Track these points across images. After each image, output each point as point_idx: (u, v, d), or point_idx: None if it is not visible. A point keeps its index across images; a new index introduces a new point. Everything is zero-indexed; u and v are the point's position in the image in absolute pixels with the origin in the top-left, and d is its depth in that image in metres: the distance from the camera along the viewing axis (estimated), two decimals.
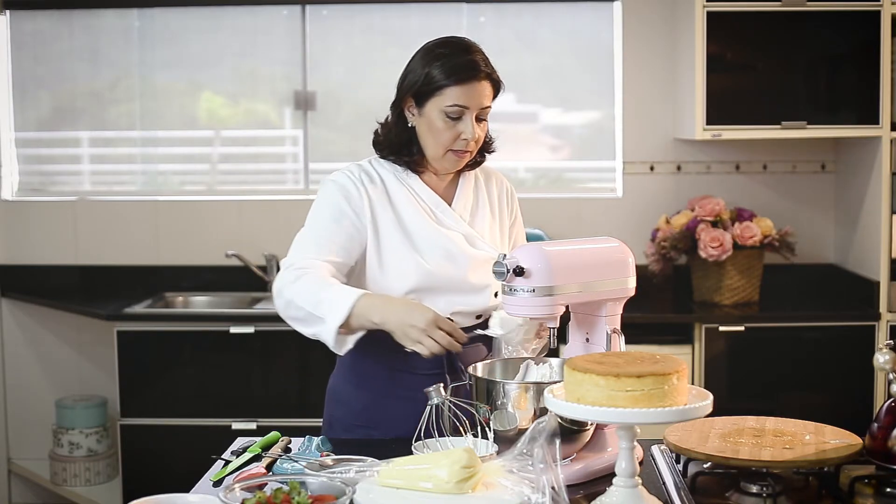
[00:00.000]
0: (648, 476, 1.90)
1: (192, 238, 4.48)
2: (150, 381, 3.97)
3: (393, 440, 2.14)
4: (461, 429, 1.93)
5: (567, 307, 1.98)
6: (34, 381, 4.57)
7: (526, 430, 1.68)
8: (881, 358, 1.82)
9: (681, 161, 4.39)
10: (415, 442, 1.92)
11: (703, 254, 3.97)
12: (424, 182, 2.28)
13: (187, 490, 1.82)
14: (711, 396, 1.70)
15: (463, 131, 2.18)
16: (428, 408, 1.94)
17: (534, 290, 1.91)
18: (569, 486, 1.71)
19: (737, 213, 4.08)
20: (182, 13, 4.47)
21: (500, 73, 2.24)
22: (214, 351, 3.95)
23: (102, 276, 4.50)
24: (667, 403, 1.63)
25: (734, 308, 3.99)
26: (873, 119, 3.84)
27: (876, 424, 1.82)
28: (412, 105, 2.22)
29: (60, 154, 4.63)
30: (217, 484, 1.90)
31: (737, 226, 4.01)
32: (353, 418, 2.27)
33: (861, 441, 1.83)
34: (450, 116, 2.17)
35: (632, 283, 2.03)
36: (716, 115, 3.89)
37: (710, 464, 1.86)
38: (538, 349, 2.21)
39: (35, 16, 4.51)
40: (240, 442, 2.13)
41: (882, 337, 3.80)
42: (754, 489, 1.77)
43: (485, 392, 1.91)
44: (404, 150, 2.26)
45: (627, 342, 2.01)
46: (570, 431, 1.85)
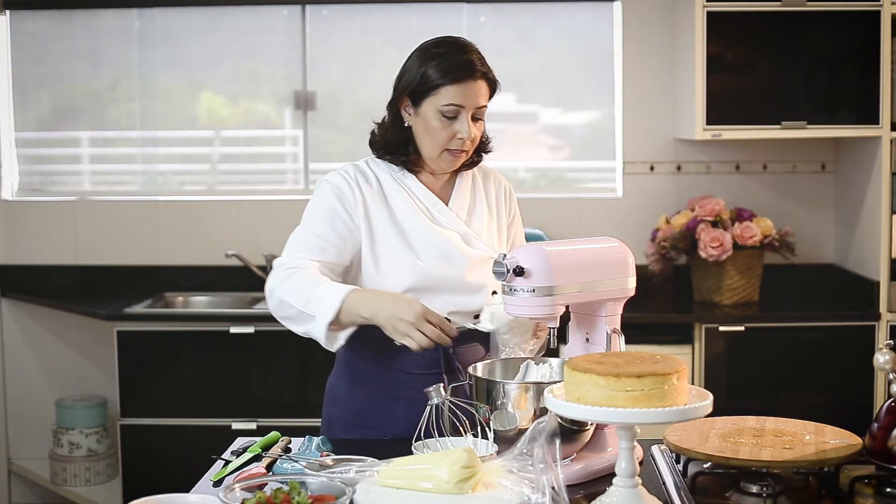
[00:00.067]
0: (648, 476, 1.90)
1: (192, 238, 4.48)
2: (150, 381, 3.97)
3: (393, 440, 2.14)
4: (461, 429, 1.93)
5: (567, 307, 1.98)
6: (34, 381, 4.57)
7: (526, 430, 1.68)
8: (881, 358, 1.82)
9: (681, 161, 4.39)
10: (415, 442, 1.92)
11: (703, 254, 3.97)
12: (421, 181, 2.29)
13: (187, 490, 1.82)
14: (711, 396, 1.70)
15: (459, 130, 2.19)
16: (428, 408, 1.94)
17: (534, 290, 1.91)
18: (569, 486, 1.71)
19: (737, 213, 4.08)
20: (182, 13, 4.47)
21: (500, 73, 2.24)
22: (214, 351, 3.95)
23: (102, 276, 4.50)
24: (667, 403, 1.63)
25: (734, 308, 3.99)
26: (873, 119, 3.84)
27: (876, 424, 1.82)
28: (408, 105, 2.22)
29: (60, 154, 4.63)
30: (217, 484, 1.90)
31: (737, 226, 4.01)
32: (351, 418, 2.28)
33: (861, 441, 1.83)
34: (446, 116, 2.17)
35: (632, 283, 2.03)
36: (716, 115, 3.89)
37: (710, 464, 1.86)
38: (535, 350, 2.21)
39: (35, 16, 4.51)
40: (240, 442, 2.13)
41: (882, 337, 3.80)
42: (754, 489, 1.77)
43: (485, 392, 1.91)
44: (401, 149, 2.26)
45: (627, 342, 2.01)
46: (570, 431, 1.85)
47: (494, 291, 2.20)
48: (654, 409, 1.61)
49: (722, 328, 3.84)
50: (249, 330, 3.92)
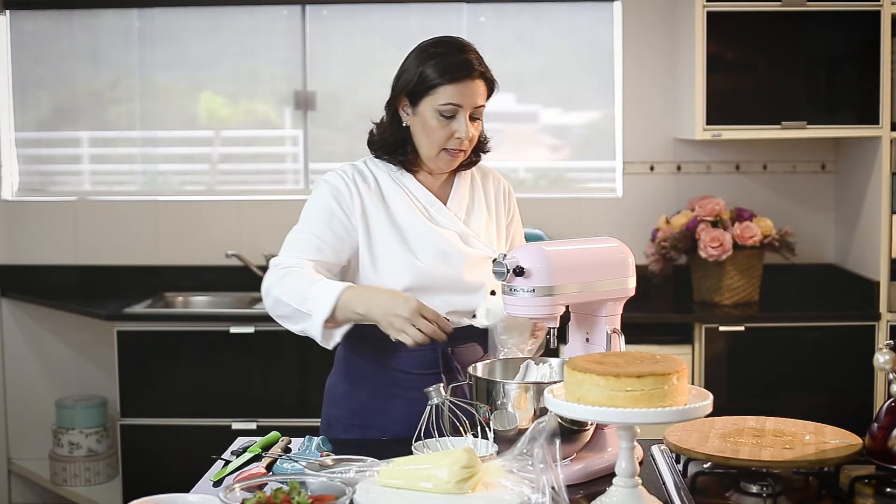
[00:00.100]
0: (648, 476, 1.90)
1: (192, 238, 4.48)
2: (150, 381, 3.97)
3: (393, 440, 2.14)
4: (461, 429, 1.93)
5: (567, 307, 1.98)
6: (34, 381, 4.57)
7: (526, 430, 1.68)
8: (881, 358, 1.82)
9: (681, 161, 4.39)
10: (415, 442, 1.92)
11: (703, 254, 3.97)
12: (419, 181, 2.29)
13: (187, 490, 1.82)
14: (711, 396, 1.70)
15: (457, 130, 2.19)
16: (428, 408, 1.94)
17: (534, 290, 1.91)
18: (569, 486, 1.71)
19: (737, 213, 4.08)
20: (182, 13, 4.47)
21: (500, 73, 2.25)
22: (214, 351, 3.95)
23: (102, 276, 4.50)
24: (667, 403, 1.63)
25: (734, 308, 3.99)
26: (873, 119, 3.84)
27: (876, 424, 1.82)
28: (406, 104, 2.22)
29: (60, 154, 4.63)
30: (217, 484, 1.90)
31: (737, 226, 4.01)
32: (350, 418, 2.28)
33: (861, 441, 1.83)
34: (444, 115, 2.18)
35: (632, 283, 2.03)
36: (716, 115, 3.89)
37: (710, 464, 1.86)
38: (533, 349, 2.21)
39: (35, 16, 4.51)
40: (240, 442, 2.13)
41: (882, 337, 3.80)
42: (754, 489, 1.77)
43: (485, 392, 1.91)
44: (399, 149, 2.26)
45: (627, 342, 2.01)
46: (570, 431, 1.85)
47: (493, 291, 2.20)
48: (654, 409, 1.61)
49: (722, 328, 3.84)
50: (249, 330, 3.92)
